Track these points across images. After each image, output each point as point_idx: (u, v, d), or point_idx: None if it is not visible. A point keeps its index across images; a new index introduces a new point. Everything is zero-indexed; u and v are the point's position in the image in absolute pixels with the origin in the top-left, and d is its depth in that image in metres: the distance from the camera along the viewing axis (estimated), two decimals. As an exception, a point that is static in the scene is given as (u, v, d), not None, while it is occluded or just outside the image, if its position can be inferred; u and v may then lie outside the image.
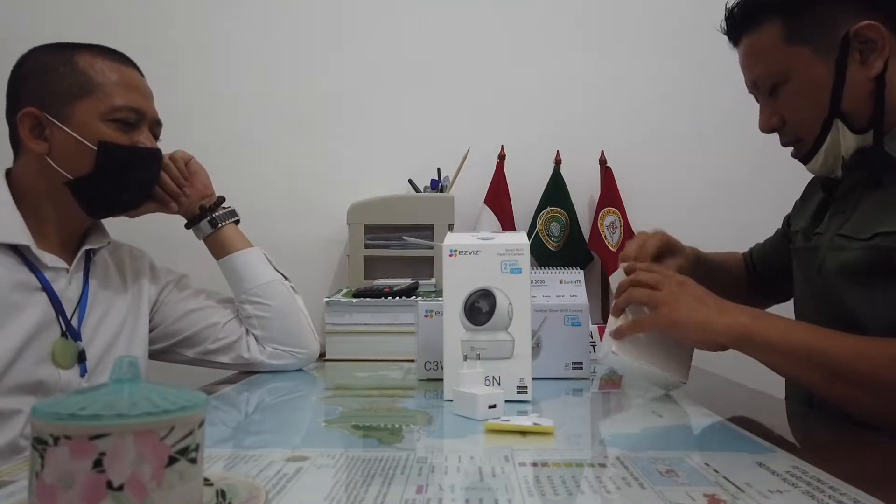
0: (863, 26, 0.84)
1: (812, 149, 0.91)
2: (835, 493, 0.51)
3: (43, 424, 0.38)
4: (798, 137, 0.93)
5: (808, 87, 0.89)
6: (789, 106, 0.91)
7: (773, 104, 0.93)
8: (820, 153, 0.90)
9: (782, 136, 0.95)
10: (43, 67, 0.99)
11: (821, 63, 0.87)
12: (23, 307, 0.94)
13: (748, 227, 1.20)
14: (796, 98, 0.90)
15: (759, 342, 0.80)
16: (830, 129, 0.88)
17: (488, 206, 1.71)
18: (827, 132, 0.88)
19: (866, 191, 0.88)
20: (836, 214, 0.93)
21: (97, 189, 1.00)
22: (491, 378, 0.86)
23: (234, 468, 0.58)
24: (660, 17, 1.81)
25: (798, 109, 0.91)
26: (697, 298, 0.85)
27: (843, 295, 0.86)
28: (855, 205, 0.89)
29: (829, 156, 0.90)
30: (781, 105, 0.92)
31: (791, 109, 0.92)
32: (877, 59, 0.85)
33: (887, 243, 0.81)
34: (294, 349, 1.15)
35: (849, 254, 0.85)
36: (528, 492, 0.52)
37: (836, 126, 0.88)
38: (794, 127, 0.92)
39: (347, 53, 1.80)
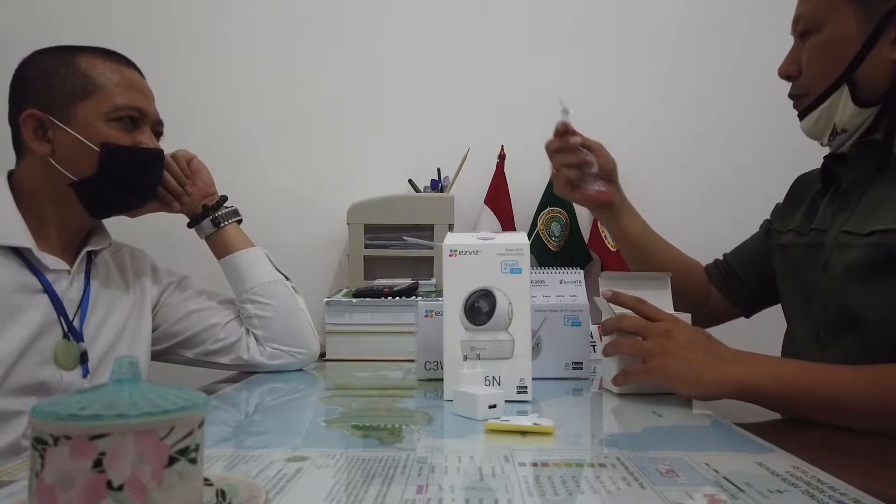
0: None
1: (811, 105, 0.92)
2: (835, 493, 0.51)
3: (43, 424, 0.38)
4: (805, 91, 0.93)
5: (834, 43, 0.89)
6: (811, 55, 0.92)
7: (800, 50, 0.94)
8: (815, 112, 0.91)
9: (793, 87, 0.96)
10: (45, 70, 1.00)
11: (857, 25, 0.87)
12: (24, 309, 0.94)
13: (748, 227, 1.20)
14: (819, 49, 0.91)
15: (757, 395, 0.79)
16: (833, 92, 0.89)
17: (488, 206, 1.71)
18: (830, 94, 0.89)
19: (869, 185, 0.88)
20: (839, 210, 0.92)
21: (101, 190, 1.01)
22: (491, 378, 0.86)
23: (235, 468, 0.58)
24: (660, 17, 1.81)
25: (816, 62, 0.91)
26: (687, 348, 0.82)
27: (848, 292, 0.85)
28: (858, 200, 0.89)
29: (822, 117, 0.91)
30: (805, 52, 0.92)
31: (811, 59, 0.92)
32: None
33: (887, 241, 0.81)
34: (294, 349, 1.15)
35: (854, 251, 0.85)
36: (528, 492, 0.52)
37: (840, 91, 0.88)
38: (807, 79, 0.93)
39: (347, 53, 1.80)
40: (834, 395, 0.75)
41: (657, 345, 0.83)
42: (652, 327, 0.85)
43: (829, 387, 0.75)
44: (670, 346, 0.82)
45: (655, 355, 0.83)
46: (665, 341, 0.83)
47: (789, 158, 1.06)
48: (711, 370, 0.80)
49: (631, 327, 0.87)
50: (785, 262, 1.03)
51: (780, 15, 1.01)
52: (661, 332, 0.84)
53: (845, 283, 0.86)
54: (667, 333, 0.84)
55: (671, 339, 0.83)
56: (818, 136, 0.94)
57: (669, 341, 0.83)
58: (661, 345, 0.83)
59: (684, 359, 0.81)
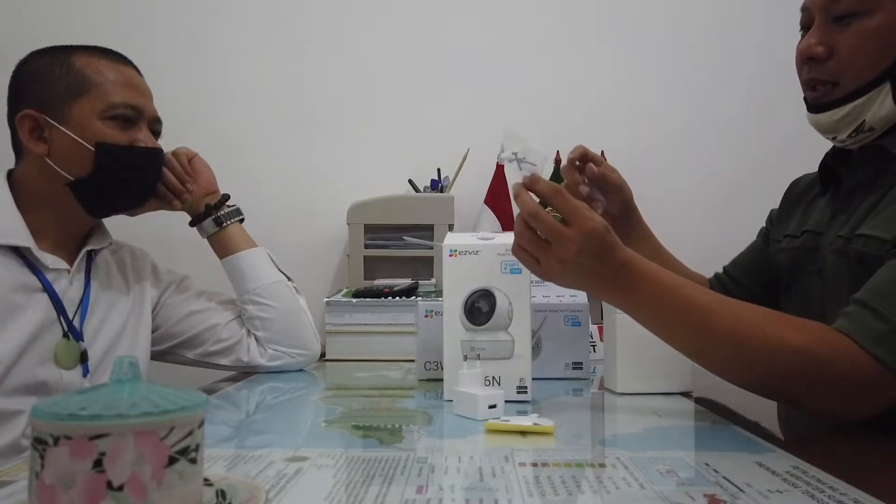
0: None
1: (842, 98, 0.84)
2: (835, 493, 0.51)
3: (43, 424, 0.38)
4: (835, 80, 0.85)
5: (885, 34, 0.82)
6: (853, 41, 0.83)
7: (831, 32, 0.85)
8: (847, 107, 0.84)
9: (815, 71, 0.87)
10: (40, 69, 1.00)
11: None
12: (24, 308, 0.94)
13: (749, 228, 1.20)
14: (866, 36, 0.82)
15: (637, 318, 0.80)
16: (874, 88, 0.83)
17: (488, 206, 1.71)
18: (870, 88, 0.83)
19: (869, 190, 0.86)
20: (837, 214, 0.91)
21: (98, 189, 1.01)
22: (491, 378, 0.86)
23: (235, 468, 0.58)
24: (661, 17, 1.81)
25: (860, 49, 0.83)
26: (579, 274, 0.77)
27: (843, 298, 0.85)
28: (857, 205, 0.87)
29: (852, 113, 0.84)
30: (844, 37, 0.84)
31: (852, 46, 0.83)
32: None
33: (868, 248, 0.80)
34: (295, 350, 1.15)
35: (846, 258, 0.84)
36: (528, 492, 0.52)
37: (881, 88, 0.83)
38: (841, 66, 0.84)
39: (348, 53, 1.80)
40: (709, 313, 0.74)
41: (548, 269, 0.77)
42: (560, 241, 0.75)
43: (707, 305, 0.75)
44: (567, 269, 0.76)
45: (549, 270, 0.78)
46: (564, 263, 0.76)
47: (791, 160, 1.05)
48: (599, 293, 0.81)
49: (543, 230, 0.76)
50: (782, 267, 1.01)
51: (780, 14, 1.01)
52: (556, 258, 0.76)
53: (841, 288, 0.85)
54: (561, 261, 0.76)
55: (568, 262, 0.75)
56: (836, 130, 0.87)
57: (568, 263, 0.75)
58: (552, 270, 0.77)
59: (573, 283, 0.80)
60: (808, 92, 0.89)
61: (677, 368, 0.91)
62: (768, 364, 0.72)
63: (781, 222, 1.06)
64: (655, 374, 0.91)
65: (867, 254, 0.80)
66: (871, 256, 0.79)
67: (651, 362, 0.91)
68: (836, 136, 0.88)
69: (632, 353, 0.91)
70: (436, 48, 1.80)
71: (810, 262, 0.93)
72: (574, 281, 0.80)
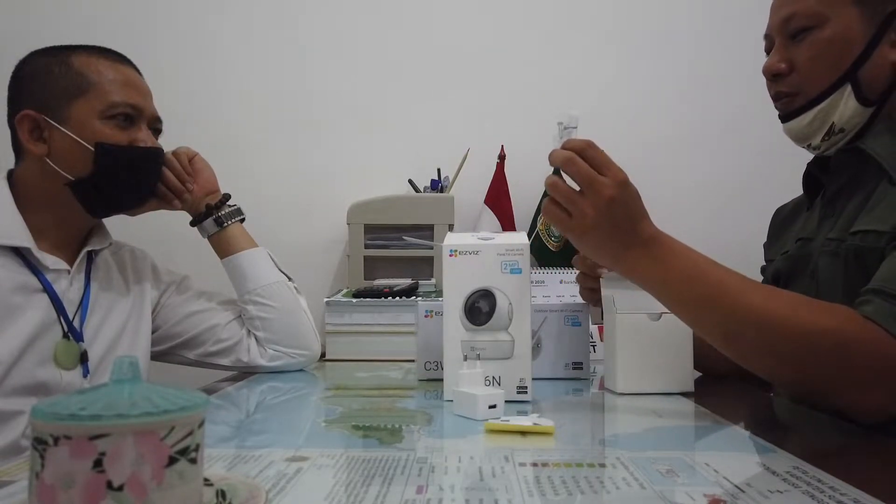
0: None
1: (806, 104, 0.90)
2: (835, 494, 0.51)
3: (43, 424, 0.38)
4: (798, 90, 0.91)
5: (837, 41, 0.87)
6: (808, 54, 0.89)
7: (789, 49, 0.91)
8: (811, 112, 0.90)
9: (780, 85, 0.93)
10: (40, 69, 1.00)
11: (860, 24, 0.86)
12: (24, 309, 0.94)
13: (749, 228, 1.20)
14: (820, 48, 0.88)
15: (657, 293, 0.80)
16: (834, 91, 0.87)
17: (488, 207, 1.71)
18: (830, 93, 0.88)
19: (851, 192, 0.88)
20: (824, 219, 0.93)
21: (97, 189, 1.01)
22: (491, 378, 0.86)
23: (235, 468, 0.58)
24: (661, 17, 1.81)
25: (816, 59, 0.89)
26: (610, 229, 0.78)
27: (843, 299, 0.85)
28: (842, 207, 0.89)
29: (818, 117, 0.89)
30: (800, 51, 0.90)
31: (808, 58, 0.89)
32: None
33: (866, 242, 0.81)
34: (296, 351, 1.15)
35: (840, 258, 0.85)
36: (528, 492, 0.52)
37: (842, 90, 0.87)
38: (801, 77, 0.90)
39: (347, 53, 1.80)
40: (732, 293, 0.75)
41: (586, 212, 0.78)
42: (594, 186, 0.78)
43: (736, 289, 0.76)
44: (603, 217, 0.78)
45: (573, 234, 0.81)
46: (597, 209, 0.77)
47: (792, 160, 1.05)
48: (623, 262, 0.81)
49: (577, 174, 0.79)
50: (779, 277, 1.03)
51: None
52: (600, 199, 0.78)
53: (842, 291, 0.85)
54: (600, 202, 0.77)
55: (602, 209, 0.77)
56: (808, 137, 0.92)
57: (600, 210, 0.77)
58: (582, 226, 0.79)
59: (603, 240, 0.79)
60: (776, 105, 0.95)
61: (677, 368, 0.91)
62: (801, 346, 0.72)
63: (772, 247, 1.09)
64: (655, 374, 0.91)
65: (864, 247, 0.81)
66: (869, 249, 0.80)
67: (651, 362, 0.91)
68: (810, 142, 0.93)
69: (632, 353, 0.91)
70: (436, 48, 1.80)
71: (803, 267, 0.94)
72: (603, 237, 0.79)
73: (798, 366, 0.73)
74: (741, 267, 1.25)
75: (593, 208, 0.78)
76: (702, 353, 0.93)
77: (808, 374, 0.74)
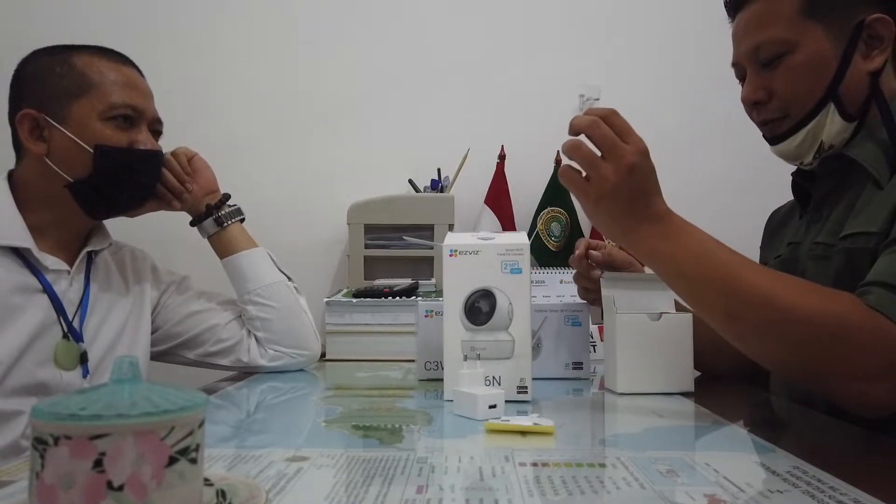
0: (877, 19, 0.85)
1: (794, 126, 0.90)
2: (835, 493, 0.51)
3: (43, 424, 0.38)
4: (784, 114, 0.91)
5: (812, 64, 0.87)
6: (785, 80, 0.90)
7: (765, 77, 0.91)
8: (801, 133, 0.90)
9: (763, 112, 0.93)
10: (41, 69, 1.00)
11: (830, 43, 0.87)
12: (24, 309, 0.94)
13: (748, 227, 1.20)
14: (796, 73, 0.89)
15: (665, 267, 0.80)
16: (820, 111, 0.88)
17: (488, 206, 1.71)
18: (816, 113, 0.88)
19: (838, 197, 0.89)
20: (812, 224, 0.93)
21: (96, 191, 1.00)
22: (491, 378, 0.86)
23: (235, 468, 0.58)
24: (660, 17, 1.81)
25: (794, 85, 0.89)
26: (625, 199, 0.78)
27: None
28: (829, 212, 0.90)
29: (808, 137, 0.90)
30: (776, 78, 0.90)
31: (786, 84, 0.90)
32: (879, 55, 0.86)
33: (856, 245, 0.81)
34: (296, 351, 1.15)
35: (829, 262, 0.86)
36: (529, 492, 0.52)
37: (826, 109, 0.88)
38: (784, 102, 0.91)
39: (348, 53, 1.80)
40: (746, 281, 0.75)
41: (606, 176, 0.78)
42: (617, 150, 0.78)
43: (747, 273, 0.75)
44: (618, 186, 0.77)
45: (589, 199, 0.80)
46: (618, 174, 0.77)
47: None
48: (634, 235, 0.80)
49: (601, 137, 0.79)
50: None
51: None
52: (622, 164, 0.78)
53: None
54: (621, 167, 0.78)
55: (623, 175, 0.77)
56: (800, 156, 0.93)
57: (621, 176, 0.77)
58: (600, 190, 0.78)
59: (618, 209, 0.79)
60: (762, 129, 0.95)
61: (677, 368, 0.92)
62: (805, 329, 0.71)
63: (768, 249, 1.09)
64: (655, 374, 0.91)
65: (854, 249, 0.81)
66: (858, 251, 0.81)
67: (651, 362, 0.91)
68: (802, 160, 0.94)
69: (632, 353, 0.91)
70: (436, 48, 1.80)
71: (792, 271, 0.95)
72: (618, 206, 0.79)
73: (799, 349, 0.73)
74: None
75: (614, 173, 0.77)
76: (702, 352, 0.93)
77: (810, 359, 0.73)
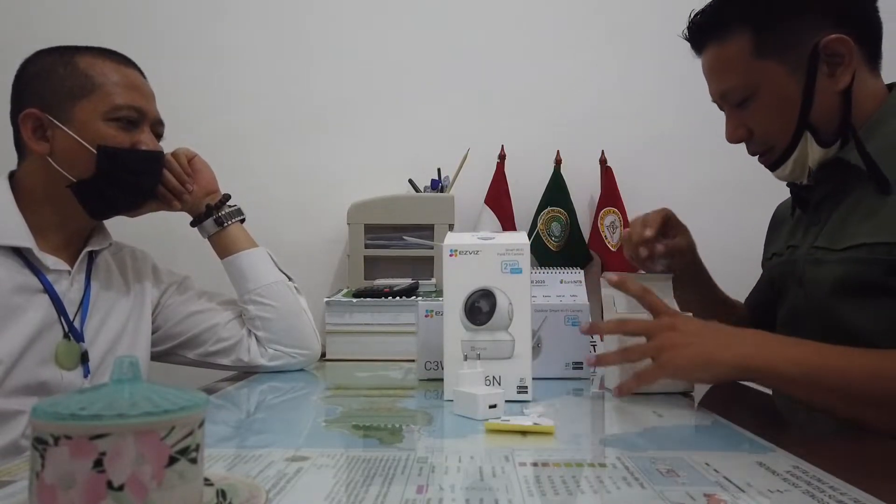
0: (831, 40, 0.85)
1: (780, 157, 0.92)
2: (835, 493, 0.51)
3: (43, 424, 0.38)
4: (768, 146, 0.93)
5: (778, 101, 0.89)
6: (758, 119, 0.92)
7: (740, 115, 0.93)
8: (788, 163, 0.91)
9: (750, 146, 0.96)
10: (44, 69, 1.00)
11: (790, 77, 0.87)
12: (25, 309, 0.94)
13: (748, 226, 1.20)
14: (766, 112, 0.90)
15: (766, 374, 0.77)
16: (800, 140, 0.89)
17: (488, 206, 1.71)
18: (796, 143, 0.89)
19: (836, 201, 0.89)
20: (810, 227, 0.94)
21: (99, 191, 1.00)
22: (491, 378, 0.86)
23: (235, 468, 0.58)
24: (660, 16, 1.81)
25: (767, 122, 0.91)
26: (695, 336, 0.80)
27: (831, 307, 0.85)
28: (828, 216, 0.90)
29: (797, 165, 0.91)
30: (750, 117, 0.92)
31: (760, 122, 0.92)
32: (844, 73, 0.86)
33: (861, 255, 0.81)
34: (296, 350, 1.15)
35: (829, 267, 0.86)
36: (529, 492, 0.52)
37: (804, 138, 0.89)
38: (764, 137, 0.93)
39: (347, 53, 1.80)
40: (855, 380, 0.72)
41: (666, 339, 0.80)
42: (656, 325, 0.83)
43: (851, 369, 0.73)
44: (678, 337, 0.80)
45: (665, 349, 0.80)
46: (672, 334, 0.81)
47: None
48: (722, 350, 0.78)
49: (636, 330, 0.84)
50: (772, 282, 1.04)
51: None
52: (667, 327, 0.82)
53: (828, 298, 0.86)
54: (672, 326, 0.82)
55: (677, 331, 0.81)
56: (796, 179, 0.95)
57: (676, 333, 0.80)
58: (669, 338, 0.80)
59: (694, 346, 0.79)
60: (761, 161, 0.97)
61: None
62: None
63: (770, 244, 1.10)
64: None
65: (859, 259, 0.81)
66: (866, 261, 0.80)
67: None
68: (800, 181, 0.96)
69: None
70: (436, 48, 1.80)
71: (792, 274, 0.95)
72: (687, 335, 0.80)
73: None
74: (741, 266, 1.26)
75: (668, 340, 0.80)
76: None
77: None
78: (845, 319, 0.83)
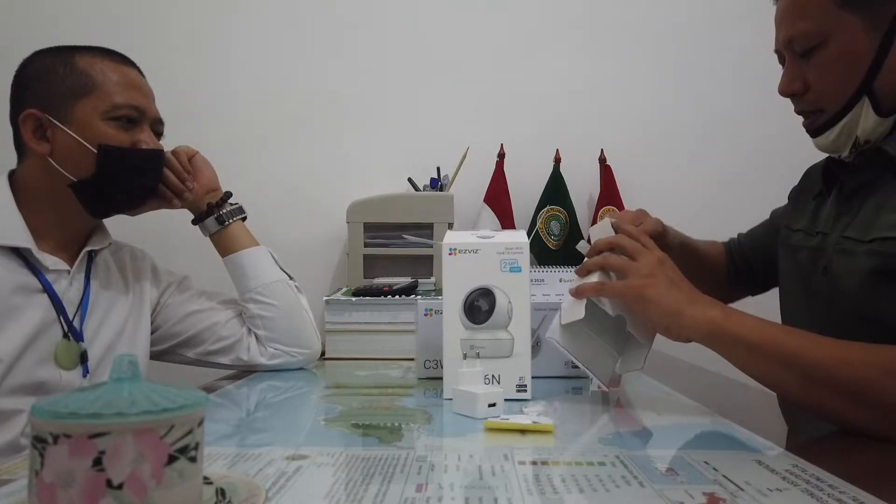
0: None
1: (830, 121, 0.87)
2: (834, 492, 0.51)
3: (42, 423, 0.38)
4: (818, 107, 0.89)
5: (847, 56, 0.84)
6: (820, 72, 0.86)
7: (801, 67, 0.88)
8: (836, 128, 0.87)
9: (800, 104, 0.91)
10: (44, 69, 1.00)
11: (866, 35, 0.84)
12: (24, 309, 0.94)
13: (747, 225, 1.20)
14: (830, 66, 0.86)
15: (729, 338, 0.76)
16: (855, 105, 0.85)
17: (488, 205, 1.71)
18: (851, 107, 0.85)
19: (870, 192, 0.86)
20: (841, 215, 0.91)
21: (99, 191, 1.01)
22: (490, 376, 0.86)
23: (235, 466, 0.58)
24: (659, 16, 1.81)
25: (829, 77, 0.86)
26: (672, 282, 0.81)
27: (858, 298, 0.83)
28: (860, 206, 0.87)
29: (843, 132, 0.87)
30: (811, 69, 0.88)
31: (821, 76, 0.87)
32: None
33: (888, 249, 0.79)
34: (296, 349, 1.15)
35: (857, 258, 0.84)
36: (528, 490, 0.52)
37: (861, 103, 0.85)
38: (818, 95, 0.88)
39: (347, 53, 1.80)
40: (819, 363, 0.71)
41: (646, 266, 0.81)
42: (646, 252, 0.84)
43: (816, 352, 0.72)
44: (659, 273, 0.80)
45: (641, 276, 0.81)
46: (656, 266, 0.81)
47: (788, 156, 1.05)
48: (693, 307, 0.78)
49: (627, 245, 0.84)
50: (790, 261, 1.01)
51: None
52: (656, 258, 0.83)
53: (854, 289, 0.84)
54: (660, 261, 0.82)
55: (662, 268, 0.81)
56: (837, 150, 0.90)
57: (659, 268, 0.81)
58: (651, 267, 0.81)
59: (669, 288, 0.79)
60: (803, 122, 0.93)
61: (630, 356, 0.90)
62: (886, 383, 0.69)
63: (794, 212, 1.05)
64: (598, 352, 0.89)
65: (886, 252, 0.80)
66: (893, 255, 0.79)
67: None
68: (839, 154, 0.91)
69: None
70: (436, 47, 1.80)
71: (816, 261, 0.93)
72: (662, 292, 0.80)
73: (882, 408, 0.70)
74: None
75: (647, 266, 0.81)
76: None
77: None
78: (872, 311, 0.82)
